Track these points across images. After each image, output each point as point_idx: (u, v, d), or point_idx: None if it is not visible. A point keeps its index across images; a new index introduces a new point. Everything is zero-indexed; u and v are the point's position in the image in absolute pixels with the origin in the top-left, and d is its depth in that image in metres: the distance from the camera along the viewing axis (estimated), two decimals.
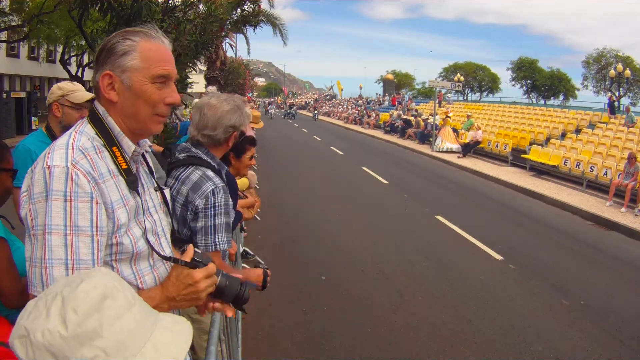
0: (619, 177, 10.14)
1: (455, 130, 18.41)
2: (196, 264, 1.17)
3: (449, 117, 18.58)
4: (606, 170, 11.33)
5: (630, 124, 14.96)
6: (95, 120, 1.18)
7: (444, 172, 13.74)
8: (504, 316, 4.38)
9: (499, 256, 6.11)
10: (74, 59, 23.88)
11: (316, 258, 5.71)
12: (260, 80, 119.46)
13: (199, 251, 1.21)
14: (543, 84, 43.80)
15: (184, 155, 1.92)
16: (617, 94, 28.88)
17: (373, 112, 32.00)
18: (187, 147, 1.96)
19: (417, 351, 3.68)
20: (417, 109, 26.43)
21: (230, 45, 19.68)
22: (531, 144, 15.64)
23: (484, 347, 3.78)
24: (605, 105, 18.73)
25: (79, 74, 22.10)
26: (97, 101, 1.20)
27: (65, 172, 1.04)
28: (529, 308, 4.62)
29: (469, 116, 20.52)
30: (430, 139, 18.52)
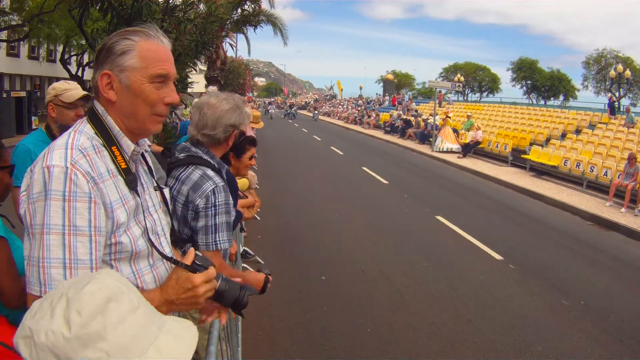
0: (619, 178, 10.15)
1: (455, 131, 18.42)
2: (196, 268, 1.16)
3: (449, 118, 18.59)
4: (606, 170, 11.33)
5: (630, 125, 14.95)
6: (94, 119, 1.18)
7: (444, 172, 13.74)
8: (504, 316, 4.38)
9: (499, 256, 6.11)
10: (74, 58, 23.87)
11: (316, 258, 5.71)
12: (261, 80, 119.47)
13: (199, 254, 1.21)
14: (543, 84, 43.83)
15: (183, 155, 1.92)
16: (617, 94, 28.90)
17: (373, 112, 32.00)
18: (187, 147, 1.95)
19: (417, 351, 3.68)
20: (417, 109, 26.43)
21: (231, 45, 19.71)
22: (531, 144, 15.64)
23: (484, 347, 3.78)
24: (606, 106, 18.72)
25: (79, 73, 22.10)
26: (97, 100, 1.20)
27: (64, 172, 1.04)
28: (529, 308, 4.62)
29: (469, 116, 20.52)
30: (430, 139, 18.53)
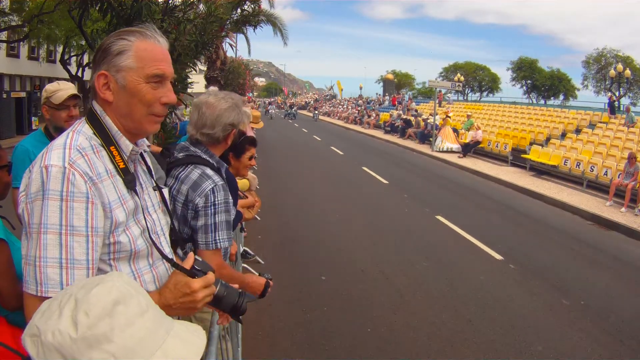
0: (619, 177, 10.15)
1: (455, 130, 18.42)
2: (195, 273, 1.16)
3: (449, 117, 18.59)
4: (606, 170, 11.33)
5: (630, 124, 14.95)
6: (93, 120, 1.18)
7: (444, 172, 13.74)
8: (504, 316, 4.38)
9: (499, 256, 6.11)
10: (74, 59, 23.86)
11: (316, 258, 5.71)
12: (261, 80, 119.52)
13: (199, 259, 1.21)
14: (543, 84, 43.79)
15: (183, 155, 1.92)
16: (617, 94, 28.88)
17: (373, 112, 31.99)
18: (186, 146, 1.96)
19: (417, 351, 3.68)
20: (417, 108, 26.44)
21: (231, 45, 19.65)
22: (531, 144, 15.64)
23: (484, 347, 3.77)
24: (606, 105, 18.72)
25: (79, 73, 22.10)
26: (95, 101, 1.20)
27: (62, 172, 1.04)
28: (529, 308, 4.62)
29: (469, 116, 20.53)
30: (430, 139, 18.53)
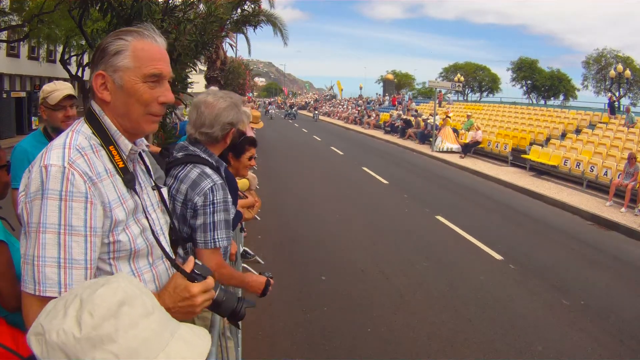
0: (619, 177, 10.14)
1: (455, 131, 18.41)
2: (195, 277, 1.16)
3: (449, 117, 18.58)
4: (606, 170, 11.33)
5: (631, 124, 14.95)
6: (92, 119, 1.18)
7: (444, 172, 13.74)
8: (504, 316, 4.37)
9: (499, 256, 6.10)
10: (74, 58, 23.88)
11: (316, 258, 5.71)
12: (261, 80, 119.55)
13: (199, 263, 1.21)
14: (543, 84, 43.82)
15: (182, 154, 1.92)
16: (617, 94, 28.89)
17: (373, 112, 31.98)
18: (185, 146, 1.96)
19: (417, 351, 3.68)
20: (417, 109, 26.42)
21: (231, 45, 19.65)
22: (531, 144, 15.64)
23: (484, 347, 3.77)
24: (606, 106, 18.72)
25: (79, 73, 22.11)
26: (94, 101, 1.21)
27: (62, 172, 1.04)
28: (529, 308, 4.62)
29: (469, 116, 20.52)
30: (430, 139, 18.52)
